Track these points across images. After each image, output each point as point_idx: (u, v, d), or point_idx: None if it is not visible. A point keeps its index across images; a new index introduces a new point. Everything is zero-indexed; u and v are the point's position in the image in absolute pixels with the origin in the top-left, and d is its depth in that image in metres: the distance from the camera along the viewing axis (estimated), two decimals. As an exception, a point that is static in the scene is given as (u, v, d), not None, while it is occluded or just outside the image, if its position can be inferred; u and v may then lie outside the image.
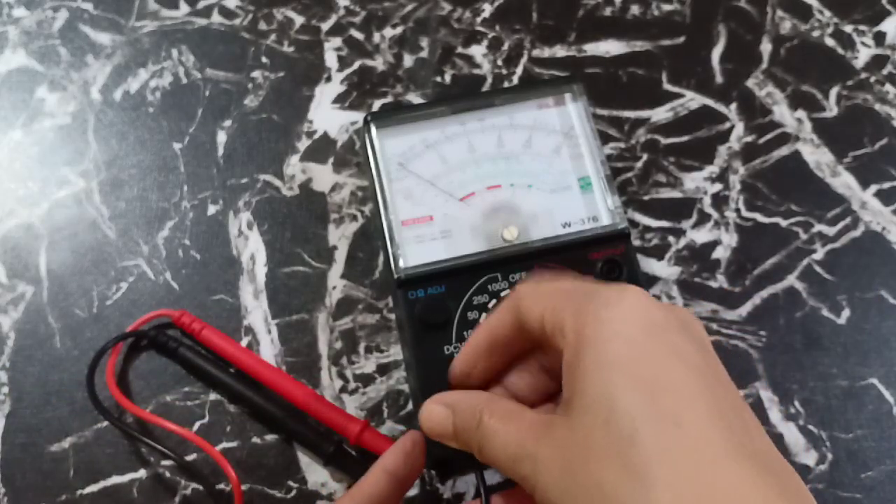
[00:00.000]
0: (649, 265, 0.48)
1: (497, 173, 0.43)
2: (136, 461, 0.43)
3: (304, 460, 0.43)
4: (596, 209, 0.43)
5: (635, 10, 0.55)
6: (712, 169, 0.50)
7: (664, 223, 0.49)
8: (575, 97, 0.45)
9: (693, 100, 0.52)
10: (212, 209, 0.49)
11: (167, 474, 0.43)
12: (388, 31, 0.54)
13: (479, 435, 0.30)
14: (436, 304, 0.39)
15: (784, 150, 0.51)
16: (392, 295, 0.45)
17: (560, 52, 0.54)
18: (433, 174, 0.43)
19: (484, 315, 0.39)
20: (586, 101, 0.45)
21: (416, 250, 0.41)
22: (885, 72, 0.53)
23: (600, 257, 0.41)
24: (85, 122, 0.52)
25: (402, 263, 0.41)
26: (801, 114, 0.52)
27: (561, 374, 0.29)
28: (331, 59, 0.53)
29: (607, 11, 0.55)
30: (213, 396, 0.44)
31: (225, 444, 0.43)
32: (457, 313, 0.39)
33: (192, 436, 0.41)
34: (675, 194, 0.50)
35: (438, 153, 0.44)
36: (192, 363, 0.44)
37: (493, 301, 0.40)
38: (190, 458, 0.43)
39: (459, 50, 0.54)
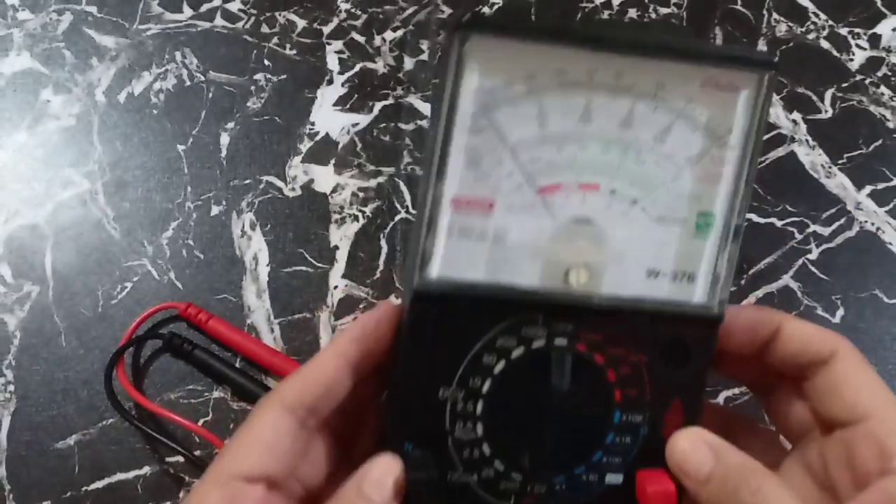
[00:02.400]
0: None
1: (602, 167, 0.30)
2: (141, 458, 0.44)
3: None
4: (695, 266, 0.30)
5: (633, 13, 0.56)
6: (709, 170, 0.51)
7: (661, 223, 0.49)
8: (758, 90, 0.30)
9: (690, 102, 0.53)
10: (215, 210, 0.50)
11: (171, 471, 0.43)
12: (389, 34, 0.55)
13: (754, 502, 0.27)
14: (451, 336, 0.30)
15: (780, 152, 0.52)
16: (403, 294, 0.34)
17: (559, 54, 0.54)
18: (518, 139, 0.29)
19: (503, 362, 0.30)
20: (771, 101, 0.31)
21: (456, 253, 0.30)
22: (879, 74, 0.54)
23: (668, 333, 0.30)
24: (89, 123, 0.52)
25: (432, 270, 0.29)
26: (796, 115, 0.53)
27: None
28: (332, 62, 0.54)
29: (605, 15, 0.56)
30: (216, 394, 0.45)
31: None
32: (470, 353, 0.30)
33: (204, 431, 0.42)
34: (673, 195, 0.50)
35: (540, 107, 0.29)
36: (208, 364, 0.45)
37: (521, 348, 0.30)
38: (196, 453, 0.43)
39: (459, 52, 0.54)
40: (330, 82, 0.53)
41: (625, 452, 0.31)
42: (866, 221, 0.50)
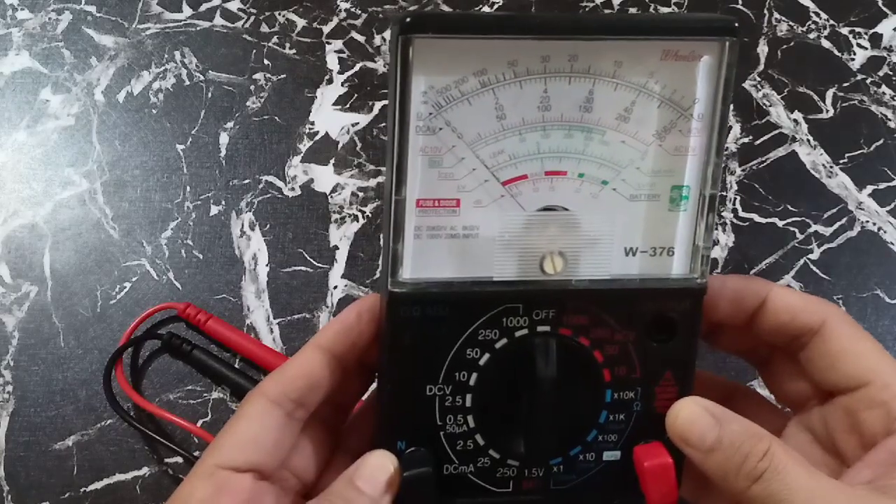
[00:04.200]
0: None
1: (567, 153, 0.29)
2: (140, 459, 0.43)
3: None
4: (673, 239, 0.30)
5: (633, 12, 0.56)
6: (710, 170, 0.51)
7: (662, 223, 0.49)
8: (720, 56, 0.29)
9: (691, 101, 0.53)
10: (214, 210, 0.50)
11: (170, 472, 0.43)
12: (389, 34, 0.55)
13: (763, 466, 0.26)
14: (432, 335, 0.29)
15: (781, 152, 0.52)
16: (381, 296, 0.31)
17: (559, 54, 0.54)
18: (477, 135, 0.28)
19: (487, 356, 0.29)
20: (735, 65, 0.29)
21: (426, 253, 0.29)
22: (880, 73, 0.54)
23: (651, 308, 0.30)
24: (88, 123, 0.52)
25: (404, 272, 0.29)
26: (797, 115, 0.53)
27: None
28: (332, 62, 0.54)
29: (606, 13, 0.56)
30: (215, 395, 0.45)
31: (227, 442, 0.44)
32: (453, 349, 0.29)
33: (203, 432, 0.43)
34: (673, 195, 0.50)
35: (496, 100, 0.28)
36: (207, 365, 0.45)
37: (504, 340, 0.29)
38: (196, 454, 0.43)
39: (459, 52, 0.54)
40: (330, 82, 0.53)
41: (620, 429, 0.30)
42: (867, 221, 0.50)
